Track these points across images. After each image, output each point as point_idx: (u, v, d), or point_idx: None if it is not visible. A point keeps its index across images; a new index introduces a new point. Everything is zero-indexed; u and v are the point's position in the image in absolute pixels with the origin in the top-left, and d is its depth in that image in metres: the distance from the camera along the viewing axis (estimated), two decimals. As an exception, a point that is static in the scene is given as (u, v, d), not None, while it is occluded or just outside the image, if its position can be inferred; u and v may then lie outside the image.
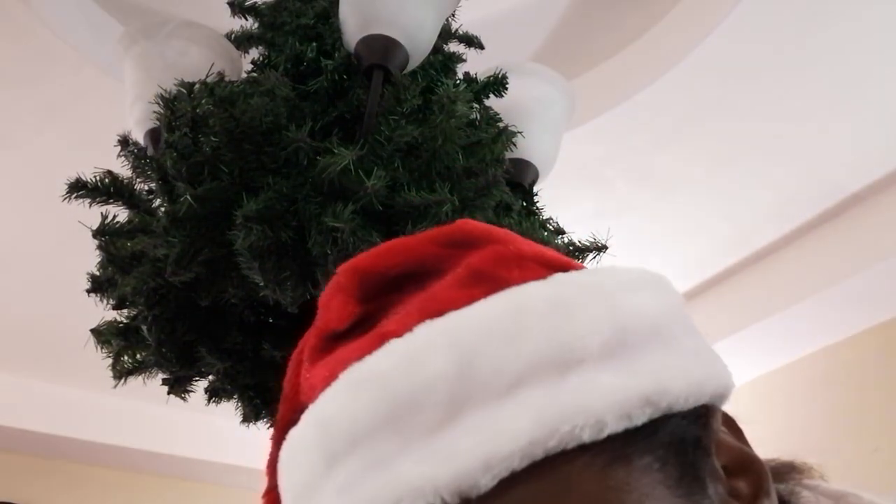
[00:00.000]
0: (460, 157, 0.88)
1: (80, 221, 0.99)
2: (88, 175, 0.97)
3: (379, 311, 0.39)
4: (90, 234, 0.97)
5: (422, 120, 0.92)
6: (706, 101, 1.89)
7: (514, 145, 1.04)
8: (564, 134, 1.23)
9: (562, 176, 1.22)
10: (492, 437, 0.32)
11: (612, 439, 0.33)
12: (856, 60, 1.81)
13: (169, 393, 1.08)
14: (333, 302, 0.40)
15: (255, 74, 1.07)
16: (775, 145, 2.04)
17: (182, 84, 0.92)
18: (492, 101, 1.09)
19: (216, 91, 0.87)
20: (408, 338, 0.35)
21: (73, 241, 1.12)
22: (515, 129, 1.03)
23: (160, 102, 0.91)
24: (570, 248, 1.06)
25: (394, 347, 0.35)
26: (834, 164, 2.11)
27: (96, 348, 1.04)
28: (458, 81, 1.12)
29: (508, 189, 1.05)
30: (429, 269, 0.39)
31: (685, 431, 0.35)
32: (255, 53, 1.15)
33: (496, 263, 0.38)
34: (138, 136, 1.07)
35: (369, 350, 0.36)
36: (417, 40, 1.01)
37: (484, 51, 1.24)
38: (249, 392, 1.09)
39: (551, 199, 1.22)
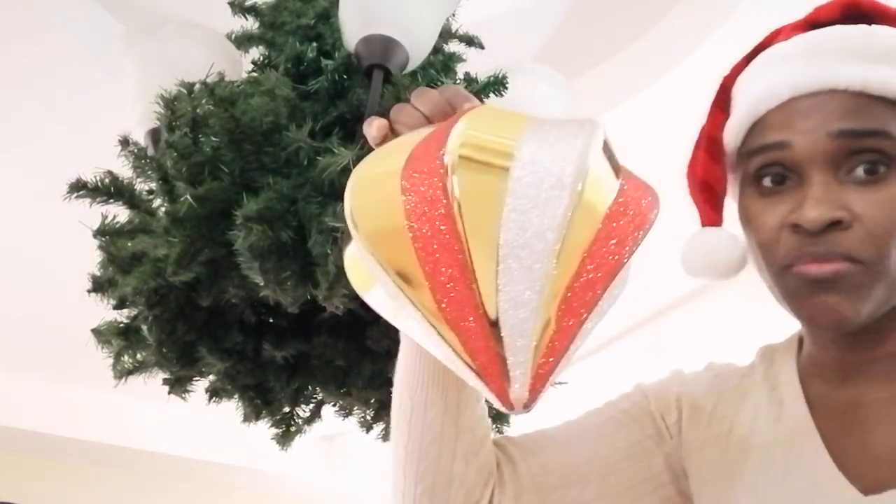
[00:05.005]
0: (460, 156, 0.88)
1: (80, 221, 0.99)
2: (89, 175, 0.97)
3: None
4: (90, 233, 0.97)
5: (422, 120, 0.92)
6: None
7: (514, 145, 1.04)
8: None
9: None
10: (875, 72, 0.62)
11: None
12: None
13: (169, 393, 1.09)
14: (831, 8, 0.69)
15: (255, 74, 1.07)
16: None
17: (182, 84, 0.92)
18: (492, 101, 1.09)
19: (216, 91, 0.87)
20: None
21: (74, 240, 1.12)
22: (515, 129, 1.03)
23: (160, 102, 0.91)
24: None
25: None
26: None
27: (97, 348, 1.04)
28: (458, 81, 1.12)
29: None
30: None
31: None
32: (255, 53, 1.15)
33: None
34: (140, 136, 1.07)
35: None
36: (417, 40, 1.01)
37: (484, 51, 1.24)
38: (249, 392, 1.09)
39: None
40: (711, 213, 0.73)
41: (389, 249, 0.46)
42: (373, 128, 0.59)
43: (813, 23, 0.69)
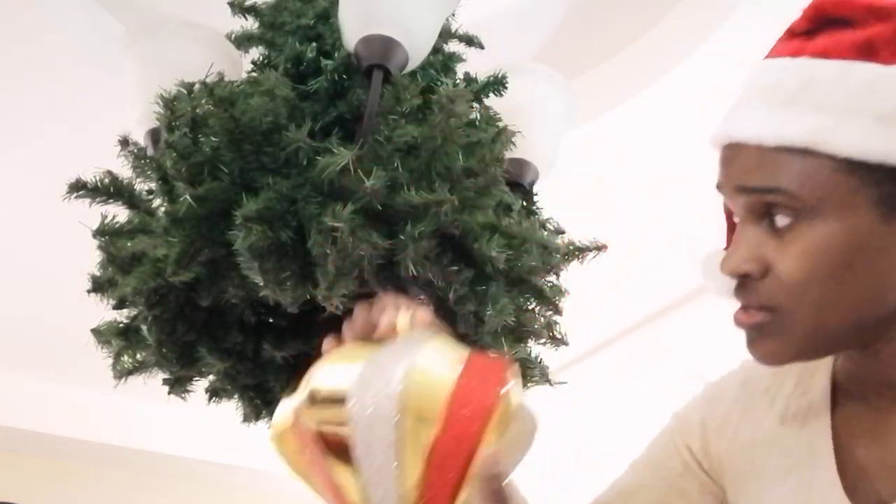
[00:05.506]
0: (460, 156, 0.89)
1: (80, 221, 0.99)
2: (89, 175, 0.97)
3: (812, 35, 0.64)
4: (90, 233, 0.97)
5: (421, 120, 0.92)
6: (708, 102, 1.89)
7: (514, 145, 1.04)
8: (564, 134, 1.23)
9: (560, 175, 1.22)
10: (820, 125, 0.57)
11: (848, 160, 0.57)
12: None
13: (169, 393, 1.09)
14: (800, 19, 0.65)
15: (255, 74, 1.07)
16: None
17: (182, 84, 0.92)
18: (492, 101, 1.09)
19: (216, 91, 0.87)
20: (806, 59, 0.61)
21: (74, 240, 1.12)
22: (515, 129, 1.03)
23: (160, 102, 0.91)
24: (570, 247, 1.06)
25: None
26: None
27: (97, 348, 1.04)
28: (458, 81, 1.12)
29: (508, 189, 1.05)
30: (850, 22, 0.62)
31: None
32: (255, 53, 1.15)
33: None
34: (140, 136, 1.07)
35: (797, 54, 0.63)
36: (417, 40, 1.01)
37: (484, 50, 1.24)
38: (249, 392, 1.09)
39: (552, 199, 1.22)
40: (731, 239, 0.76)
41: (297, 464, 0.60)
42: (324, 344, 0.65)
43: (791, 32, 0.68)
